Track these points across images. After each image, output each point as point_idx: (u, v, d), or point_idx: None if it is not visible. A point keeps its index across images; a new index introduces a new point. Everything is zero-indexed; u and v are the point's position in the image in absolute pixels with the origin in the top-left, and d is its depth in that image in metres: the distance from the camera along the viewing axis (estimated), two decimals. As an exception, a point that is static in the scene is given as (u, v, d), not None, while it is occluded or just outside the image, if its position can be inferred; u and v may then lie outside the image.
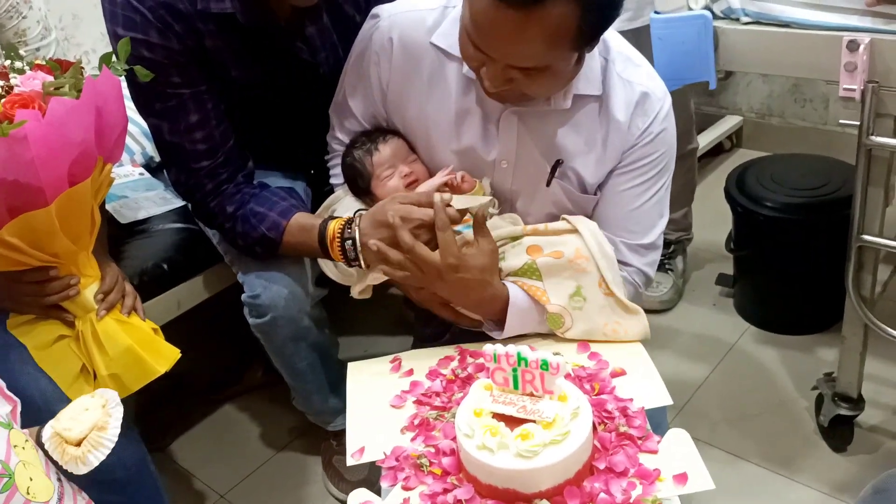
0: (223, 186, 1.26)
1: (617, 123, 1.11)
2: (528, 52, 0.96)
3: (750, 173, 1.90)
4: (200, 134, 1.21)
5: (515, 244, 1.14)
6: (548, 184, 1.15)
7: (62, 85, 1.00)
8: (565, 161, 1.14)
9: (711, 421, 1.70)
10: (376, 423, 1.05)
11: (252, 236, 1.25)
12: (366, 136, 1.23)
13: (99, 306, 1.13)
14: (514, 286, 1.12)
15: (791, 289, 1.88)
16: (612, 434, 0.95)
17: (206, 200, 1.27)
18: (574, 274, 1.11)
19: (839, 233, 1.73)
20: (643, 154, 1.13)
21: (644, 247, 1.18)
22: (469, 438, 0.90)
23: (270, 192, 1.27)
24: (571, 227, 1.14)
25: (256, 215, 1.24)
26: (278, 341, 1.37)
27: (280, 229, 1.23)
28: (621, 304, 1.13)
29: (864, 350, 1.47)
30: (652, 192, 1.16)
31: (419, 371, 1.13)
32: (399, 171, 1.19)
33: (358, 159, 1.22)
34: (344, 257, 1.15)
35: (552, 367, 0.89)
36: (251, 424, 1.84)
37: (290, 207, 1.24)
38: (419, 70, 1.16)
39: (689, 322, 2.01)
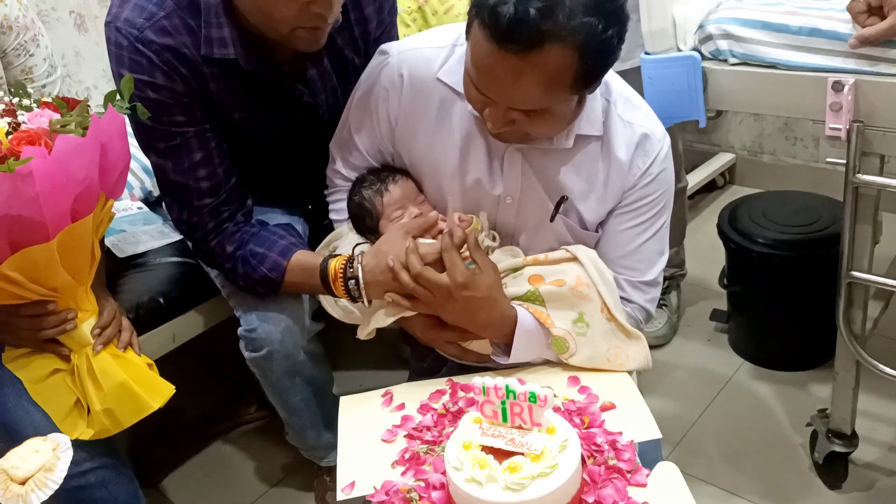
0: (224, 225, 1.27)
1: (618, 163, 1.14)
2: (527, 95, 0.99)
3: (742, 210, 1.92)
4: (204, 172, 1.23)
5: (517, 275, 1.16)
6: (552, 219, 1.17)
7: (68, 123, 1.02)
8: (569, 197, 1.16)
9: (707, 457, 1.69)
10: (367, 457, 1.05)
11: (253, 277, 1.25)
12: (375, 175, 1.24)
13: (95, 341, 1.14)
14: (521, 308, 1.14)
15: (784, 325, 1.89)
16: (601, 467, 0.95)
17: (206, 238, 1.27)
18: (576, 301, 1.13)
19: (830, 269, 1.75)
20: (643, 194, 1.16)
21: (645, 283, 1.20)
22: (458, 471, 0.90)
23: (269, 231, 1.28)
24: (571, 255, 1.16)
25: (256, 256, 1.24)
26: (274, 376, 1.38)
27: (281, 269, 1.23)
28: (623, 329, 1.15)
29: (857, 386, 1.47)
30: (652, 231, 1.18)
31: (410, 405, 1.14)
32: (409, 211, 1.20)
33: (367, 198, 1.22)
34: (348, 295, 1.16)
35: (540, 400, 0.90)
36: (244, 460, 1.83)
37: (290, 246, 1.24)
38: (428, 106, 1.18)
39: (684, 358, 2.01)
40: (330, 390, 1.53)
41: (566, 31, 0.93)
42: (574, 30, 0.93)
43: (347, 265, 1.15)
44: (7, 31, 1.26)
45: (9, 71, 1.30)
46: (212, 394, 1.91)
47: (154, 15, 1.13)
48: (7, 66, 1.29)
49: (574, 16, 0.92)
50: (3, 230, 0.98)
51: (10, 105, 1.05)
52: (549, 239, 1.20)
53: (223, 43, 1.14)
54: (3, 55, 1.27)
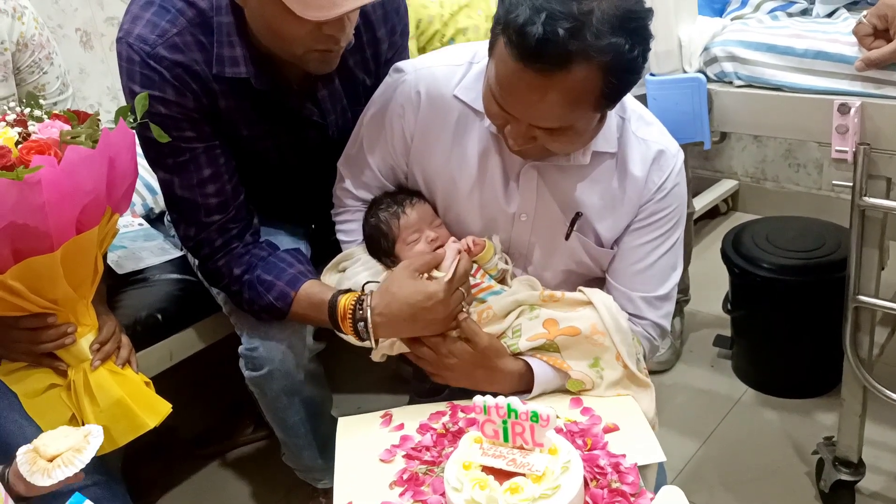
0: (233, 244, 1.24)
1: (634, 179, 1.14)
2: (551, 113, 0.98)
3: (746, 235, 1.91)
4: (213, 188, 1.21)
5: (532, 316, 1.15)
6: (567, 237, 1.17)
7: (79, 135, 1.02)
8: (584, 215, 1.16)
9: (710, 485, 1.66)
10: (365, 477, 1.03)
11: (259, 304, 1.23)
12: (391, 197, 1.23)
13: (94, 356, 1.13)
14: (536, 360, 1.13)
15: (789, 351, 1.87)
16: (605, 490, 0.93)
17: (214, 257, 1.25)
18: (591, 348, 1.13)
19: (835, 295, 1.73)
20: (658, 209, 1.16)
21: (659, 299, 1.19)
22: (458, 492, 0.88)
23: (278, 258, 1.25)
24: (586, 299, 1.15)
25: (264, 283, 1.22)
26: (272, 394, 1.36)
27: (288, 300, 1.21)
28: (635, 378, 1.14)
29: (864, 413, 1.45)
30: (667, 247, 1.18)
31: (410, 425, 1.12)
32: (425, 235, 1.19)
33: (384, 221, 1.21)
34: (356, 335, 1.14)
35: (542, 419, 0.88)
36: (240, 482, 1.80)
37: (298, 276, 1.22)
38: (445, 123, 1.17)
39: (687, 383, 1.98)
40: (329, 411, 1.51)
41: (594, 50, 0.92)
42: (602, 50, 0.93)
43: (357, 306, 1.13)
44: (23, 49, 1.27)
45: (21, 87, 1.30)
46: (208, 413, 1.89)
47: (167, 32, 1.13)
48: (20, 82, 1.30)
49: (602, 36, 0.92)
50: (8, 239, 0.97)
51: (21, 115, 1.05)
52: (563, 257, 1.20)
53: (235, 62, 1.14)
54: (17, 72, 1.28)
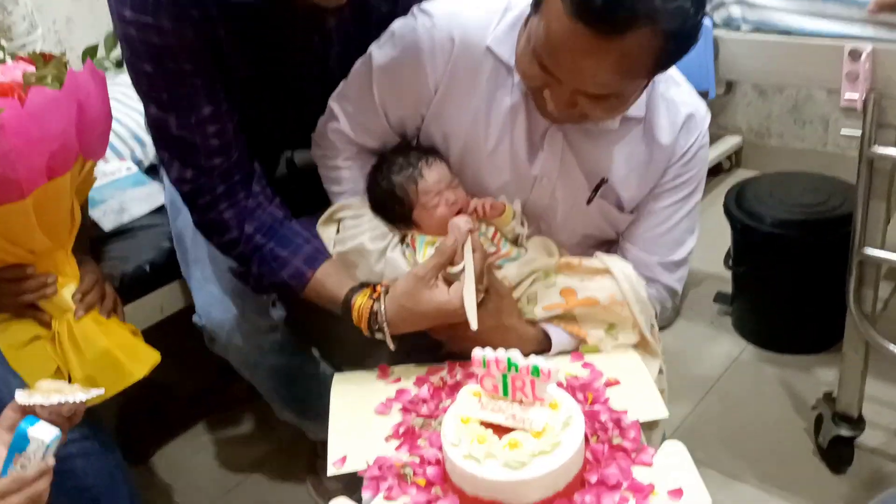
0: (238, 193, 1.13)
1: (661, 145, 1.09)
2: (603, 79, 0.92)
3: (749, 190, 1.88)
4: (214, 128, 1.09)
5: (548, 284, 1.11)
6: (588, 202, 1.12)
7: (44, 76, 0.98)
8: (609, 180, 1.11)
9: (707, 441, 1.66)
10: (360, 431, 1.01)
11: (270, 280, 1.13)
12: (402, 157, 1.14)
13: (77, 307, 1.10)
14: (554, 328, 1.10)
15: (790, 307, 1.85)
16: (605, 446, 0.91)
17: (216, 205, 1.12)
18: (607, 317, 1.10)
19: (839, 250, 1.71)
20: (681, 172, 1.12)
21: (675, 263, 1.16)
22: (455, 447, 0.86)
23: (292, 231, 1.14)
24: (604, 267, 1.11)
25: (277, 259, 1.12)
26: (236, 364, 1.34)
27: (304, 281, 1.11)
28: (648, 346, 1.12)
29: (866, 368, 1.44)
30: (686, 210, 1.14)
31: (407, 379, 1.09)
32: (444, 198, 1.12)
33: (399, 186, 1.12)
34: (370, 335, 1.08)
35: (543, 374, 0.86)
36: (236, 437, 1.79)
37: (315, 253, 1.12)
38: (477, 76, 1.09)
39: (687, 340, 1.97)
40: (308, 373, 1.46)
41: (661, 14, 0.86)
42: (669, 13, 0.87)
43: (372, 318, 1.06)
44: None
45: None
46: (204, 370, 1.86)
47: None
48: None
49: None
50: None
51: None
52: (581, 222, 1.15)
53: None
54: None
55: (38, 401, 0.85)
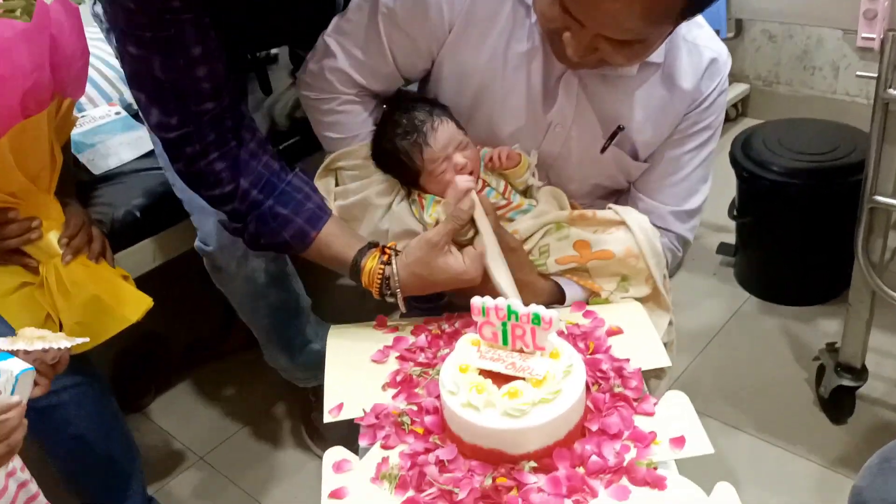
0: (230, 143, 1.02)
1: (682, 90, 1.04)
2: (631, 25, 0.86)
3: (756, 137, 1.83)
4: (204, 70, 0.97)
5: (561, 236, 1.07)
6: (602, 150, 1.08)
7: (13, 9, 0.93)
8: (625, 127, 1.06)
9: (707, 391, 1.65)
10: (356, 379, 0.99)
11: (270, 240, 1.05)
12: (406, 117, 1.06)
13: (64, 251, 1.07)
14: (567, 281, 1.08)
15: (795, 257, 1.82)
16: (606, 395, 0.89)
17: (206, 154, 1.01)
18: (621, 270, 1.07)
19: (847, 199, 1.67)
20: (700, 118, 1.07)
21: (687, 213, 1.13)
22: (453, 395, 0.84)
23: (292, 187, 1.06)
24: (619, 219, 1.07)
25: (277, 217, 1.04)
26: (236, 298, 1.30)
27: (307, 240, 1.04)
28: (659, 299, 1.09)
29: (871, 319, 1.42)
30: (701, 158, 1.10)
31: (404, 328, 1.07)
32: (453, 162, 1.06)
33: (404, 152, 1.06)
34: (382, 300, 1.04)
35: (544, 322, 0.83)
36: (234, 385, 1.78)
37: (318, 211, 1.05)
38: (496, 16, 1.03)
39: (688, 292, 1.95)
40: (304, 310, 1.45)
41: None
42: None
43: (384, 280, 1.01)
44: None
45: None
46: (201, 319, 1.85)
47: None
48: None
49: None
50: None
51: None
52: (593, 171, 1.11)
53: None
54: None
55: (20, 347, 0.83)
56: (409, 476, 0.83)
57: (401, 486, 0.83)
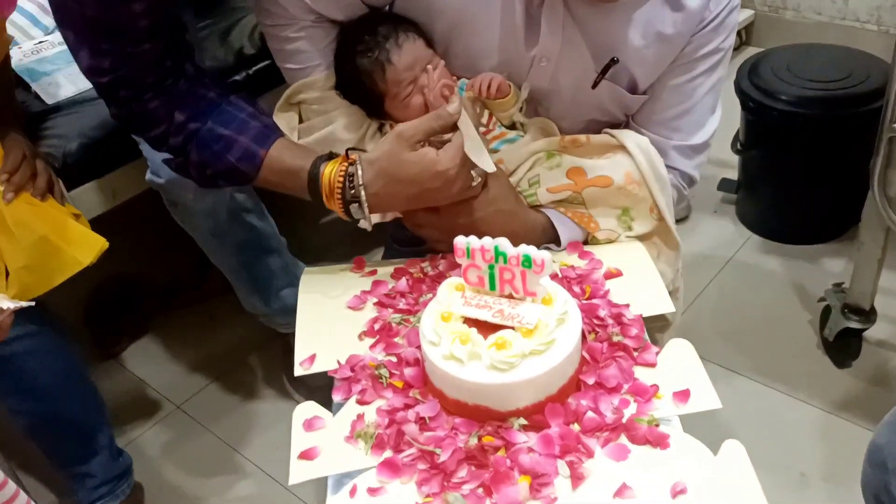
0: (168, 80, 0.92)
1: (687, 10, 0.92)
2: None
3: (764, 65, 1.71)
4: (141, 5, 0.86)
5: (552, 165, 0.97)
6: (594, 85, 0.96)
7: None
8: (621, 58, 0.94)
9: (706, 334, 1.58)
10: (331, 327, 0.91)
11: (215, 167, 0.94)
12: (369, 33, 0.96)
13: (4, 188, 0.96)
14: (557, 213, 0.97)
15: (801, 193, 1.74)
16: (604, 344, 0.81)
17: (142, 97, 0.92)
18: (623, 199, 0.97)
19: (860, 130, 1.58)
20: (706, 41, 0.95)
21: (693, 148, 1.02)
22: (434, 346, 0.76)
23: (234, 106, 0.95)
24: (617, 143, 0.97)
25: (220, 139, 0.93)
26: (199, 235, 1.21)
27: (256, 161, 0.92)
28: (667, 232, 0.99)
29: (883, 257, 1.34)
30: (708, 86, 0.98)
31: (383, 271, 0.98)
32: (420, 84, 0.95)
33: (364, 71, 0.95)
34: (347, 215, 0.91)
35: (536, 264, 0.74)
36: (212, 330, 1.71)
37: (266, 129, 0.94)
38: None
39: (687, 230, 1.86)
40: (277, 249, 1.37)
41: None
42: None
43: (347, 182, 0.89)
44: None
45: None
46: (177, 258, 1.76)
47: None
48: None
49: None
50: None
51: None
52: (585, 108, 1.00)
53: None
54: None
55: None
56: (386, 435, 0.76)
57: (377, 445, 0.76)
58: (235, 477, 1.41)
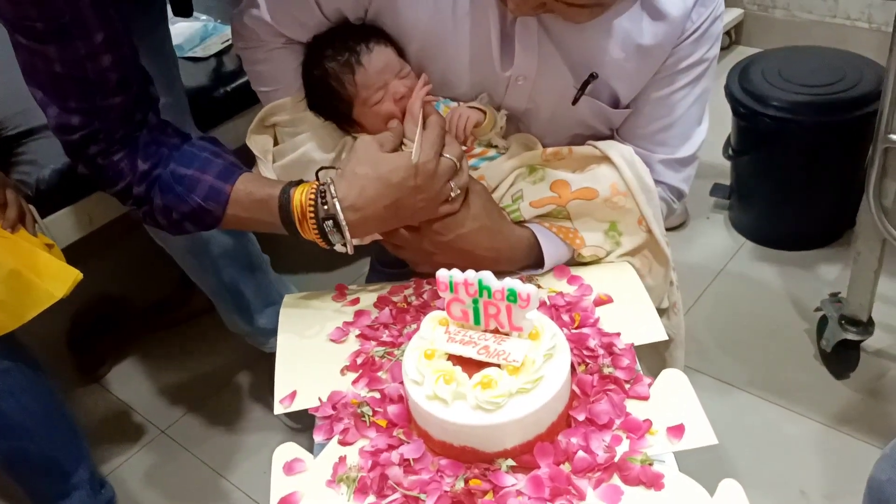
0: (137, 133, 0.89)
1: (668, 19, 0.89)
2: None
3: (754, 69, 1.69)
4: (110, 59, 0.83)
5: (536, 179, 0.94)
6: (574, 102, 0.93)
7: None
8: (600, 73, 0.91)
9: (701, 346, 1.55)
10: (312, 361, 0.88)
11: (181, 210, 0.90)
12: (340, 40, 0.93)
13: (-29, 221, 0.93)
14: (542, 228, 0.94)
15: (795, 199, 1.71)
16: (595, 377, 0.78)
17: (108, 151, 0.88)
18: (610, 212, 0.94)
19: (853, 134, 1.55)
20: (690, 52, 0.92)
21: (680, 161, 0.99)
22: (418, 386, 0.72)
23: (196, 147, 0.92)
24: (601, 154, 0.94)
25: (183, 180, 0.88)
26: (177, 253, 1.18)
27: (222, 198, 0.88)
28: (656, 245, 0.96)
29: (879, 268, 1.31)
30: (693, 97, 0.95)
31: (367, 299, 0.95)
32: (391, 91, 0.92)
33: (334, 76, 0.93)
34: (323, 239, 0.87)
35: (521, 299, 0.71)
36: (197, 352, 1.67)
37: (231, 166, 0.90)
38: None
39: (680, 238, 1.83)
40: (259, 266, 1.34)
41: None
42: None
43: (318, 198, 0.85)
44: None
45: None
46: (161, 279, 1.72)
47: None
48: None
49: None
50: None
51: None
52: (566, 125, 0.97)
53: None
54: None
55: None
56: (369, 478, 0.73)
57: (360, 490, 0.73)
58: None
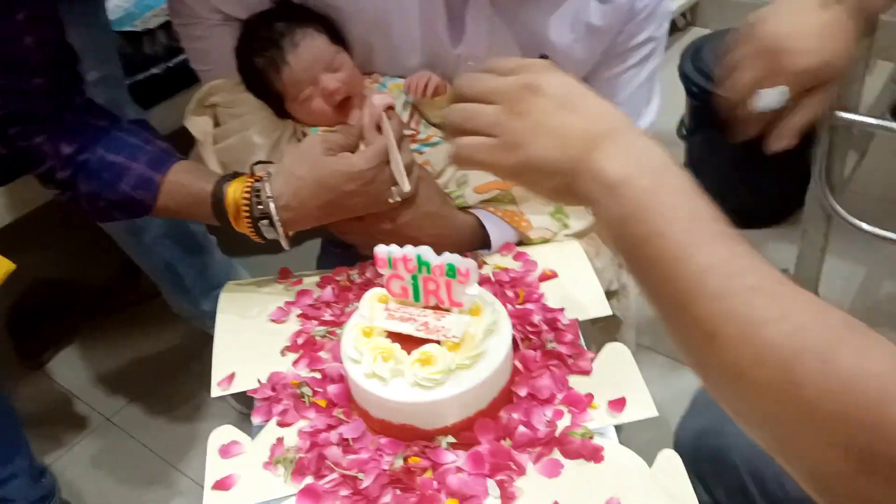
0: (61, 114, 0.86)
1: (615, 2, 0.89)
2: None
3: (708, 49, 1.70)
4: (32, 39, 0.80)
5: None
6: None
7: None
8: (550, 55, 0.90)
9: (654, 325, 1.55)
10: (251, 342, 0.86)
11: (108, 198, 0.86)
12: (266, 29, 0.90)
13: None
14: (487, 213, 0.92)
15: (746, 178, 1.73)
16: (537, 352, 0.77)
17: (29, 133, 0.84)
18: None
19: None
20: (637, 30, 0.92)
21: None
22: (356, 364, 0.71)
23: (126, 132, 0.88)
24: None
25: (112, 167, 0.85)
26: (116, 233, 1.14)
27: (153, 187, 0.85)
28: None
29: (826, 245, 1.33)
30: (643, 77, 0.96)
31: (310, 280, 0.93)
32: (321, 86, 0.89)
33: (262, 71, 0.90)
34: (257, 235, 0.85)
35: (461, 274, 0.70)
36: (143, 337, 1.64)
37: (162, 154, 0.87)
38: None
39: (634, 216, 1.84)
40: (205, 247, 1.32)
41: None
42: None
43: (253, 198, 0.82)
44: None
45: None
46: (108, 264, 1.68)
47: None
48: None
49: None
50: None
51: None
52: None
53: None
54: None
55: None
56: (306, 459, 0.71)
57: (297, 471, 0.71)
58: (170, 493, 1.35)
